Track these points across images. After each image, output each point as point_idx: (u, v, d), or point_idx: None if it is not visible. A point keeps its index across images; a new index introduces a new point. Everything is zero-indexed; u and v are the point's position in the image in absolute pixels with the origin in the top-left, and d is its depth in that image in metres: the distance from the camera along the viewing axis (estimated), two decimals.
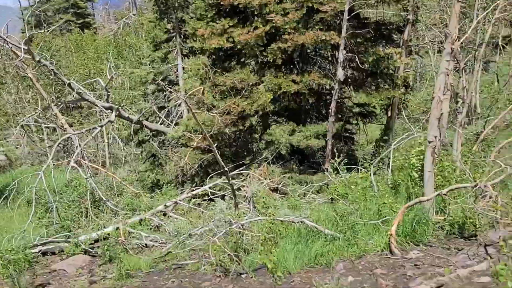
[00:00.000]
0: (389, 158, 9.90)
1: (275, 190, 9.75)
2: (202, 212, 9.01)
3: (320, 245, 6.61)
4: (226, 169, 7.17)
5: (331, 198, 8.97)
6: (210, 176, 10.24)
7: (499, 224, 5.60)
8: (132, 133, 13.04)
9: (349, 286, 4.80)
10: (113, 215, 9.22)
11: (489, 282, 4.46)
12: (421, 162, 7.76)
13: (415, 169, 7.90)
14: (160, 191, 11.48)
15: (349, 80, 12.03)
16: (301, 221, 7.05)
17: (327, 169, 10.39)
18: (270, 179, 9.65)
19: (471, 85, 13.74)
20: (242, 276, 6.30)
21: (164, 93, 13.44)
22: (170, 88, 9.46)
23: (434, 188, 7.17)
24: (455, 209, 6.78)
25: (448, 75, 7.23)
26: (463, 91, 13.15)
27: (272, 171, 10.52)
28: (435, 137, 7.12)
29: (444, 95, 7.31)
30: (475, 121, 15.09)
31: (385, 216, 6.95)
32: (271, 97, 10.61)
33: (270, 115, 11.95)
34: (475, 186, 6.22)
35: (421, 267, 5.55)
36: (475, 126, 13.96)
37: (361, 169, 9.88)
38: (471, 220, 6.39)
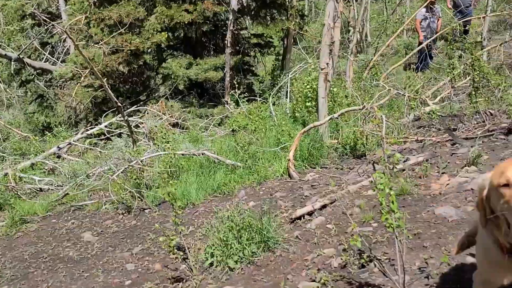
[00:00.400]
0: (287, 87, 10.14)
1: (175, 125, 9.60)
2: (100, 152, 8.66)
3: (222, 175, 6.74)
4: (120, 105, 6.86)
5: (232, 129, 9.06)
6: (105, 114, 9.79)
7: (384, 142, 6.01)
8: (13, 72, 11.85)
9: (250, 210, 4.97)
10: (0, 161, 8.55)
11: (374, 194, 4.86)
12: (314, 90, 8.02)
13: (308, 98, 8.18)
14: (51, 133, 10.79)
15: (245, 10, 11.86)
16: (202, 154, 7.07)
17: (227, 101, 10.41)
18: (169, 114, 9.46)
19: (361, 14, 14.23)
20: (146, 211, 6.27)
21: (46, 28, 12.25)
22: (51, 21, 8.57)
23: (328, 113, 7.49)
24: (347, 132, 7.19)
25: (338, 2, 7.37)
26: (353, 20, 13.59)
27: (171, 106, 10.30)
28: (327, 64, 7.33)
29: (334, 22, 7.48)
30: (366, 49, 15.79)
31: (284, 143, 7.20)
32: (166, 35, 10.15)
33: (165, 49, 11.51)
34: (363, 108, 6.58)
35: (317, 187, 5.86)
36: (366, 54, 14.63)
37: (260, 100, 10.04)
38: (361, 141, 6.83)
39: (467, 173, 4.87)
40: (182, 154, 7.07)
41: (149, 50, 10.57)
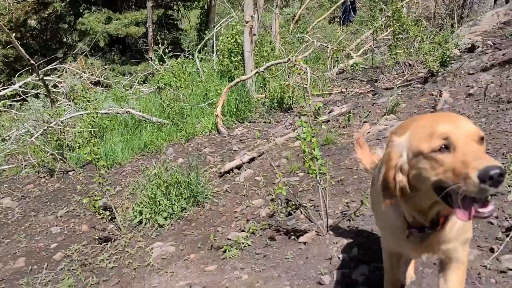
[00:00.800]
0: (213, 42, 9.95)
1: (97, 83, 9.17)
2: (16, 114, 8.11)
3: (149, 134, 6.60)
4: (33, 63, 6.40)
5: (158, 87, 8.83)
6: (18, 73, 9.10)
7: (309, 93, 6.11)
8: None
9: (178, 166, 4.92)
10: None
11: (300, 145, 4.97)
12: (239, 45, 7.94)
13: (233, 53, 8.09)
14: None
15: None
16: (127, 112, 6.85)
17: (151, 58, 10.07)
18: (89, 72, 8.99)
19: None
20: (70, 173, 6.04)
21: None
22: None
23: (254, 67, 7.47)
24: (274, 86, 7.22)
25: None
26: None
27: (91, 63, 9.78)
28: (252, 17, 7.24)
29: None
30: (291, 2, 15.76)
31: (212, 99, 7.14)
32: None
33: (81, 2, 10.78)
34: (288, 61, 6.60)
35: (246, 141, 5.90)
36: (291, 8, 14.60)
37: (186, 56, 9.79)
38: (288, 95, 6.89)
39: (386, 121, 5.09)
40: (105, 113, 6.80)
41: (63, 4, 9.84)
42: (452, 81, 5.85)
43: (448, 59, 6.26)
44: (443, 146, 1.37)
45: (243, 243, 3.39)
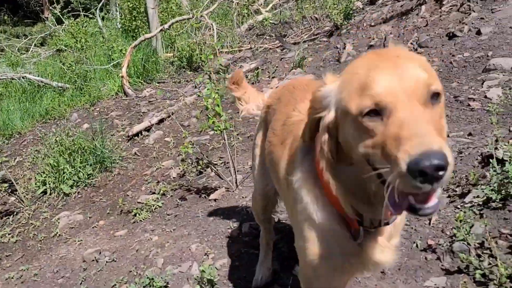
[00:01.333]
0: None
1: None
2: None
3: (50, 99, 6.23)
4: None
5: (57, 49, 8.27)
6: None
7: (218, 51, 6.01)
8: None
9: (81, 132, 4.69)
10: None
11: (210, 104, 4.92)
12: (141, 2, 7.60)
13: (136, 10, 7.75)
14: None
15: None
16: (23, 77, 6.36)
17: (47, 18, 9.34)
18: None
19: None
20: None
21: None
22: None
23: (160, 25, 7.19)
24: (182, 44, 7.02)
25: None
26: None
27: None
28: None
29: None
30: None
31: (116, 60, 6.83)
32: None
33: None
34: (193, 17, 6.42)
35: (154, 102, 5.74)
36: None
37: (87, 15, 9.21)
38: (196, 53, 6.74)
39: (293, 75, 5.16)
40: None
41: None
42: (355, 34, 6.02)
43: (351, 12, 6.42)
44: (373, 110, 0.93)
45: (153, 205, 3.33)
